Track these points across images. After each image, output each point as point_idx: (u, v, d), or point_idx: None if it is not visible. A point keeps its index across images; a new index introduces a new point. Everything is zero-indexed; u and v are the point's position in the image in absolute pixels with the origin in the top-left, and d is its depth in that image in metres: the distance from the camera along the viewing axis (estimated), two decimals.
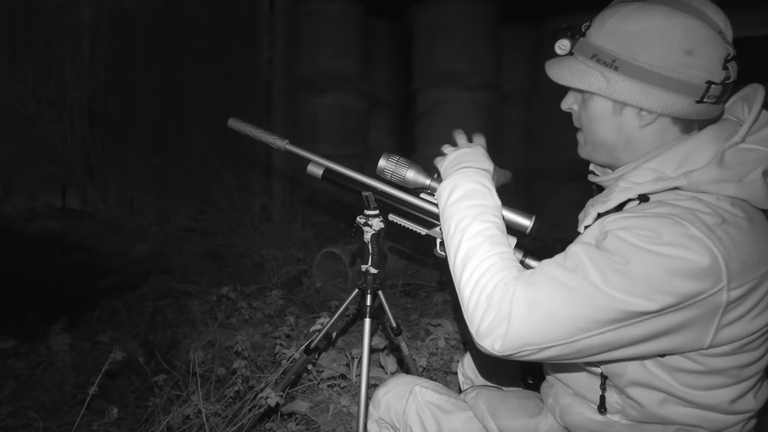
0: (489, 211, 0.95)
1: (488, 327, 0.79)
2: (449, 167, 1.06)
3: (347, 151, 5.04)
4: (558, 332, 0.77)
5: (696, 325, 0.77)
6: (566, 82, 0.92)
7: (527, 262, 1.15)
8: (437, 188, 1.06)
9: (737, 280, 0.76)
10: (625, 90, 0.86)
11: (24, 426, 2.02)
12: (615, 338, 0.78)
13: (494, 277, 0.83)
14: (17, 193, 4.23)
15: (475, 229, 0.91)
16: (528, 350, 0.78)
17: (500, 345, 0.78)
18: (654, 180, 0.87)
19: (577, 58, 0.92)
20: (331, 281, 3.23)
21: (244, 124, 1.30)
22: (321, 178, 1.31)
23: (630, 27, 0.85)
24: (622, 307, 0.75)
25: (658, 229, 0.77)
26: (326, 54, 5.10)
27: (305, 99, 5.08)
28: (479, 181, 1.00)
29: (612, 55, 0.86)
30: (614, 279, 0.76)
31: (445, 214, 0.98)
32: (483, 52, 5.25)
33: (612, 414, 0.92)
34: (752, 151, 0.84)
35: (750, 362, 0.83)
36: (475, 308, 0.82)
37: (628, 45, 0.85)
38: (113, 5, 4.46)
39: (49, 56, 4.22)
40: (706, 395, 0.84)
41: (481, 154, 1.08)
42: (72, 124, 4.33)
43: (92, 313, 3.12)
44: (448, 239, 0.95)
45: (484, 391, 1.18)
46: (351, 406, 1.86)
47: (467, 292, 0.85)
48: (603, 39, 0.88)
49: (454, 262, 0.91)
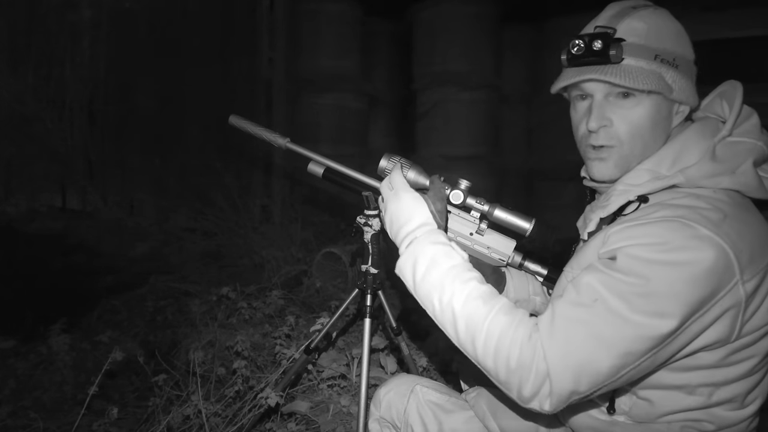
0: (463, 269, 0.88)
1: (531, 391, 0.76)
2: (394, 237, 0.99)
3: (347, 150, 5.04)
4: (601, 376, 0.75)
5: (723, 322, 0.78)
6: (648, 86, 0.84)
7: (527, 265, 1.15)
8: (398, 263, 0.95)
9: (749, 272, 0.77)
10: (684, 87, 0.89)
11: (24, 426, 2.02)
12: (654, 361, 0.78)
13: (514, 340, 0.78)
14: (17, 194, 4.23)
15: (462, 296, 0.84)
16: (576, 399, 0.77)
17: (548, 404, 0.76)
18: (651, 180, 0.88)
19: (635, 63, 0.86)
20: (331, 281, 3.23)
21: (245, 121, 1.30)
22: (321, 177, 1.31)
23: (671, 27, 0.89)
24: (654, 333, 0.74)
25: (665, 234, 0.77)
26: (326, 54, 5.10)
27: (305, 99, 5.08)
28: (434, 242, 0.91)
29: (672, 53, 0.88)
30: (639, 303, 0.74)
31: (419, 293, 0.91)
32: (483, 53, 5.25)
33: (618, 414, 0.91)
34: (741, 144, 0.87)
35: (765, 351, 0.84)
36: (509, 377, 0.78)
37: (679, 43, 0.89)
38: (113, 5, 4.46)
39: (49, 56, 4.22)
40: (721, 390, 0.84)
41: (408, 204, 0.96)
42: (72, 124, 4.33)
43: (92, 313, 3.12)
44: (437, 317, 0.88)
45: (485, 391, 1.18)
46: (351, 406, 1.86)
47: (490, 364, 0.80)
48: (656, 41, 0.87)
49: (458, 338, 0.85)
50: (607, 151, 0.92)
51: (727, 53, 4.25)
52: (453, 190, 1.08)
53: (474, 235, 1.11)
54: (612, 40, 0.85)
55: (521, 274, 1.21)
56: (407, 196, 0.98)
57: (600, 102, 0.91)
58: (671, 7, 0.91)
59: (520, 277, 1.21)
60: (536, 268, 1.15)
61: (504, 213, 1.08)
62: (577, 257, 0.94)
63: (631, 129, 0.89)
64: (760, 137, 0.88)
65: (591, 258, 0.86)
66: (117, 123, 4.56)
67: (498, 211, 1.07)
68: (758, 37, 4.37)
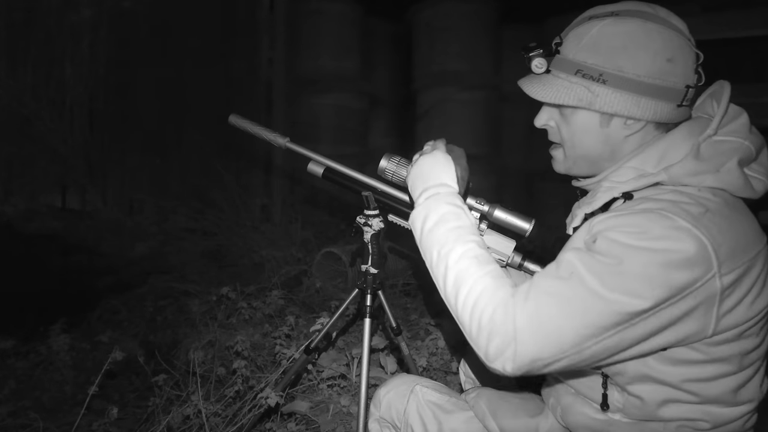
0: (467, 231, 0.93)
1: (496, 350, 0.79)
2: (414, 188, 1.04)
3: (347, 150, 5.04)
4: (564, 345, 0.77)
5: (696, 314, 0.79)
6: (553, 99, 0.92)
7: (526, 265, 1.15)
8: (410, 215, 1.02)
9: (728, 266, 0.78)
10: (615, 102, 0.88)
11: (24, 426, 2.02)
12: (620, 341, 0.78)
13: (492, 299, 0.82)
14: (17, 194, 4.23)
15: (459, 252, 0.89)
16: (538, 366, 0.79)
17: (510, 366, 0.78)
18: (636, 177, 0.90)
19: (557, 75, 0.93)
20: (331, 281, 3.23)
21: (245, 121, 1.30)
22: (321, 177, 1.31)
23: (612, 41, 0.87)
24: (622, 309, 0.76)
25: (645, 224, 0.79)
26: (326, 54, 5.10)
27: (305, 99, 5.09)
28: (450, 202, 0.97)
29: (598, 69, 0.88)
30: (611, 281, 0.77)
31: (423, 244, 0.96)
32: (483, 53, 5.25)
33: (613, 413, 0.92)
34: (726, 143, 0.88)
35: (751, 348, 0.85)
36: (479, 333, 0.81)
37: (613, 58, 0.87)
38: (113, 5, 4.46)
39: (49, 56, 4.22)
40: (710, 386, 0.84)
41: (441, 164, 1.03)
42: (72, 124, 4.33)
43: (92, 313, 3.11)
44: (433, 268, 0.93)
45: (485, 391, 1.18)
46: (351, 406, 1.86)
47: (466, 318, 0.84)
48: (584, 54, 0.89)
49: (445, 289, 0.89)
50: (555, 149, 1.03)
51: (726, 53, 4.25)
52: None
53: None
54: (546, 52, 0.94)
55: (521, 274, 1.21)
56: (443, 157, 1.04)
57: (547, 106, 0.99)
58: (672, 8, 0.91)
59: (520, 277, 1.21)
60: (536, 268, 1.15)
61: (504, 213, 1.08)
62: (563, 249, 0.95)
63: (566, 134, 0.98)
64: (748, 137, 0.89)
65: (576, 245, 0.88)
66: (117, 123, 4.56)
67: (498, 211, 1.08)
68: (758, 37, 4.38)
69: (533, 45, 0.95)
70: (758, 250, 0.82)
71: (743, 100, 0.95)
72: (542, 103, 0.99)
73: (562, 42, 0.93)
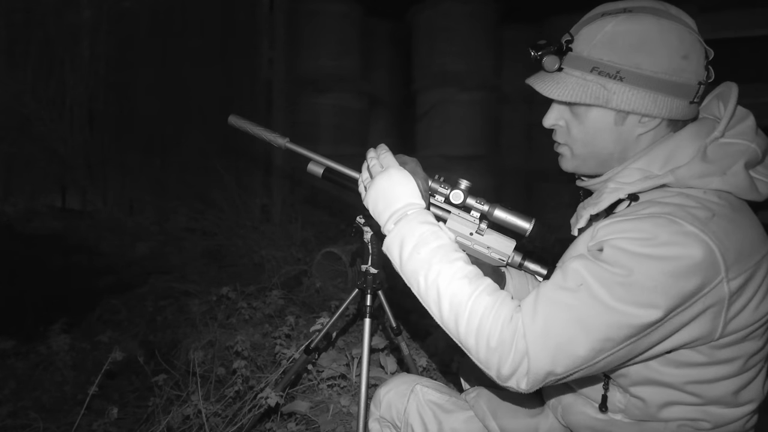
0: (450, 249, 0.89)
1: (510, 369, 0.77)
2: (379, 214, 0.98)
3: (347, 151, 5.04)
4: (578, 359, 0.77)
5: (705, 319, 0.79)
6: (568, 97, 0.89)
7: (527, 265, 1.15)
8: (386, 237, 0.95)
9: (735, 270, 0.77)
10: (632, 99, 0.87)
11: (24, 426, 2.02)
12: (632, 350, 0.79)
13: (496, 319, 0.79)
14: (17, 194, 4.23)
15: (448, 275, 0.85)
16: (551, 380, 0.78)
17: (525, 383, 0.77)
18: (642, 179, 0.89)
19: (570, 73, 0.91)
20: (331, 281, 3.23)
21: (244, 121, 1.30)
22: (321, 177, 1.31)
23: (628, 38, 0.86)
24: (635, 322, 0.75)
25: (652, 230, 0.78)
26: (326, 54, 5.10)
27: (305, 99, 5.08)
28: (423, 221, 0.92)
29: (615, 67, 0.87)
30: (622, 293, 0.76)
31: (405, 271, 0.91)
32: (483, 53, 5.25)
33: (614, 413, 0.92)
34: (733, 145, 0.87)
35: (755, 351, 0.84)
36: (489, 356, 0.79)
37: (630, 55, 0.86)
38: (113, 5, 4.46)
39: (49, 56, 4.22)
40: (712, 387, 0.84)
41: (400, 182, 0.97)
42: (72, 124, 4.33)
43: (92, 313, 3.11)
44: (422, 295, 0.89)
45: (485, 391, 1.18)
46: (351, 406, 1.86)
47: (471, 343, 0.81)
48: (600, 51, 0.88)
49: (441, 316, 0.86)
50: (563, 148, 1.00)
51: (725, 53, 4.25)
52: (453, 190, 1.08)
53: (474, 235, 1.11)
54: (557, 49, 0.91)
55: (521, 274, 1.21)
56: (398, 174, 0.98)
57: (556, 104, 0.97)
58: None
59: (520, 277, 1.21)
60: (536, 268, 1.15)
61: (504, 213, 1.08)
62: (567, 252, 0.95)
63: (578, 133, 0.95)
64: (754, 139, 0.88)
65: (580, 251, 0.88)
66: (117, 123, 4.56)
67: (498, 211, 1.07)
68: (757, 37, 4.38)
69: (543, 42, 0.92)
70: (763, 254, 0.82)
71: (742, 100, 0.95)
72: (548, 102, 0.98)
73: (573, 39, 0.91)
